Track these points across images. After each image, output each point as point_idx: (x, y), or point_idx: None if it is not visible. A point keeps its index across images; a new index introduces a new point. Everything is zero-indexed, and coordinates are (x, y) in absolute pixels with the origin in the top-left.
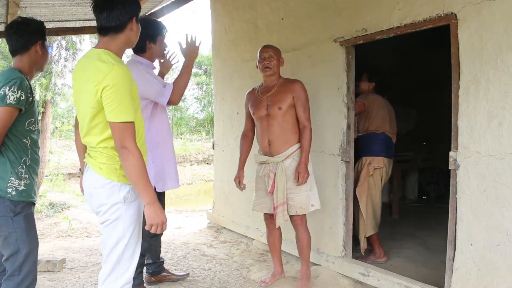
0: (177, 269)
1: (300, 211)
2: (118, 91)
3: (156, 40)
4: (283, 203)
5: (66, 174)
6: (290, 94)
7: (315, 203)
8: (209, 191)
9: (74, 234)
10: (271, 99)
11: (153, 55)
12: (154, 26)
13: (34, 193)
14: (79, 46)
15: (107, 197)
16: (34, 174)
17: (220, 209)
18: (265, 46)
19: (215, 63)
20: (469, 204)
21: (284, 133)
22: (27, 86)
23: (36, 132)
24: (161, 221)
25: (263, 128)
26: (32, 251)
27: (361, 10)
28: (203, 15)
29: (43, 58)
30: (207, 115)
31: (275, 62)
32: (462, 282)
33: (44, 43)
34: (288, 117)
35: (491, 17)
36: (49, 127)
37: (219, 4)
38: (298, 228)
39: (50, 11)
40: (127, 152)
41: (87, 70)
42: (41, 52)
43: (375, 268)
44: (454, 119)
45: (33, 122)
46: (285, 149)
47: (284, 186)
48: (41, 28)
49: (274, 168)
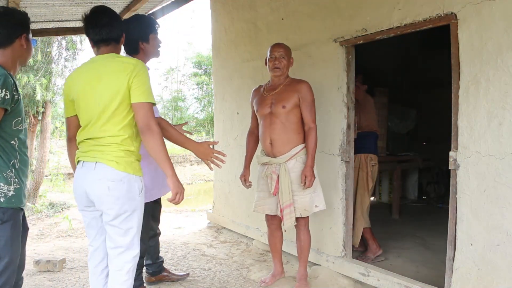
0: (177, 269)
1: (304, 213)
2: (146, 77)
3: (149, 38)
4: (290, 205)
5: (66, 174)
6: (296, 94)
7: (319, 204)
8: (209, 191)
9: (74, 234)
10: (276, 97)
11: (147, 55)
12: (145, 23)
13: (24, 197)
14: (79, 46)
15: (127, 190)
16: (24, 177)
17: (220, 209)
18: (277, 44)
19: (215, 63)
20: (469, 204)
21: (286, 133)
22: (12, 83)
23: (23, 131)
24: (182, 189)
25: (265, 126)
26: (13, 261)
27: (361, 10)
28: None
29: (27, 52)
30: (207, 115)
31: (285, 63)
32: (462, 282)
33: (29, 36)
34: (292, 116)
35: (491, 17)
36: (49, 127)
37: (219, 4)
38: (300, 229)
39: (50, 11)
40: (151, 130)
41: (108, 67)
42: (26, 46)
43: (375, 268)
44: (454, 119)
45: (20, 121)
46: (287, 150)
47: (289, 187)
48: (26, 19)
49: (277, 169)
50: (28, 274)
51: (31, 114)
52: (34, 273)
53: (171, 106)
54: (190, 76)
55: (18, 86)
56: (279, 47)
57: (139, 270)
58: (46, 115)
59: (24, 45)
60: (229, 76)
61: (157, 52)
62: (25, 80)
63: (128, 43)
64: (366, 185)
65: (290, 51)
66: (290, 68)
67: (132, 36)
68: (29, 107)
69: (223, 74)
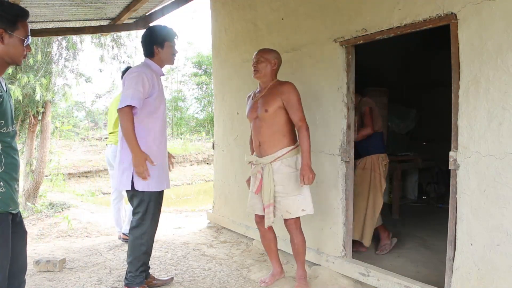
0: (177, 269)
1: (286, 215)
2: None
3: (164, 45)
4: (270, 205)
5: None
6: (278, 97)
7: (306, 208)
8: (209, 191)
9: (74, 234)
10: (261, 101)
11: (161, 60)
12: (163, 32)
13: (12, 201)
14: (79, 46)
15: None
16: (12, 181)
17: (220, 209)
18: (259, 49)
19: (215, 63)
20: (469, 204)
21: (273, 135)
22: None
23: (11, 133)
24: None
25: (255, 129)
26: (3, 267)
27: (361, 10)
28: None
29: (13, 50)
30: (207, 115)
31: (263, 65)
32: (462, 282)
33: (11, 32)
34: (278, 119)
35: (491, 17)
36: (49, 127)
37: (219, 4)
38: (292, 231)
39: (50, 11)
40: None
41: None
42: (6, 42)
43: (375, 268)
44: (454, 119)
45: (3, 124)
46: (273, 151)
47: (271, 188)
48: (6, 12)
49: (262, 169)
50: (28, 274)
51: (31, 114)
52: (34, 273)
53: (171, 106)
54: (190, 76)
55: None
56: (258, 52)
57: (143, 267)
58: (46, 115)
59: (3, 42)
60: (229, 76)
61: (170, 59)
62: (25, 80)
63: (145, 47)
64: (379, 186)
65: (272, 54)
66: (290, 68)
67: (149, 40)
68: (29, 107)
69: (223, 74)
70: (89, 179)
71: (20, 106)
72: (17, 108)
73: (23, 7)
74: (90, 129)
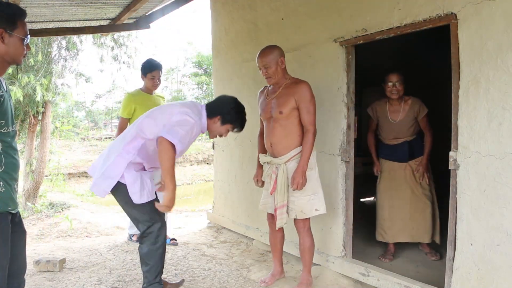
0: (177, 269)
1: (300, 215)
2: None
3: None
4: (283, 206)
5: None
6: (292, 97)
7: (320, 208)
8: (209, 191)
9: (74, 234)
10: (275, 102)
11: (212, 130)
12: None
13: (12, 201)
14: (79, 46)
15: None
16: (12, 181)
17: (220, 209)
18: (259, 54)
19: (215, 63)
20: (469, 204)
21: (286, 137)
22: None
23: (11, 133)
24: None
25: (268, 130)
26: (2, 267)
27: (361, 10)
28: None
29: (14, 50)
30: None
31: (273, 69)
32: (462, 282)
33: (10, 32)
34: (292, 119)
35: (491, 17)
36: (49, 127)
37: (219, 4)
38: (300, 232)
39: (50, 11)
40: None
41: None
42: (7, 42)
43: (375, 268)
44: (454, 119)
45: (4, 124)
46: (287, 152)
47: (285, 188)
48: (6, 12)
49: (277, 169)
50: (28, 274)
51: (31, 114)
52: (34, 273)
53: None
54: (190, 76)
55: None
56: (260, 57)
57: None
58: (46, 115)
59: (2, 42)
60: (229, 76)
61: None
62: (26, 80)
63: (218, 110)
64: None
65: (275, 54)
66: (290, 68)
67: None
68: (29, 107)
69: (223, 74)
70: (89, 179)
71: (20, 106)
72: (17, 108)
73: (20, 6)
74: (90, 129)
